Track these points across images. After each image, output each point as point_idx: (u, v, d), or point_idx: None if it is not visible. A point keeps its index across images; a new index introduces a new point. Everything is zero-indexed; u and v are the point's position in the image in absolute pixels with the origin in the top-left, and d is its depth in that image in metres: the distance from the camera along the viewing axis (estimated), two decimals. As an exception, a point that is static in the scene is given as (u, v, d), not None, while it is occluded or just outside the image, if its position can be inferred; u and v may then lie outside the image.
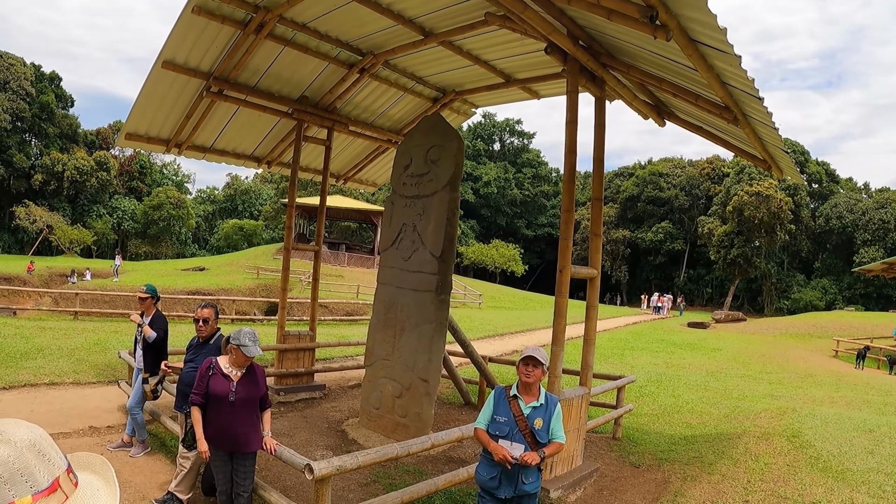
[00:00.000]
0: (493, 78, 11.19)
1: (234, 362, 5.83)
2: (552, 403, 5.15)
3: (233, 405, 5.77)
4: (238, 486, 5.92)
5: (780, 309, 71.96)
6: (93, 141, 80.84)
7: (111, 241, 76.55)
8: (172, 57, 9.33)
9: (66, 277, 42.33)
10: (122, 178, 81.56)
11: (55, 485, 1.48)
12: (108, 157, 76.34)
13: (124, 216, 77.93)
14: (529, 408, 5.07)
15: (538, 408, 5.08)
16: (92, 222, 73.10)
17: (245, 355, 5.72)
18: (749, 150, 8.88)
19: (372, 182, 15.88)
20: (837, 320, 38.92)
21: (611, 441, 10.40)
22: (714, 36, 4.99)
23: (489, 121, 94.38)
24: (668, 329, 35.66)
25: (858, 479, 7.97)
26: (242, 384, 5.85)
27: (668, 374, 17.89)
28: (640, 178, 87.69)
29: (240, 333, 5.78)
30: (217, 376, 5.79)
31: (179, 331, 17.92)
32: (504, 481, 4.99)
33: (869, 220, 71.47)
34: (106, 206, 77.22)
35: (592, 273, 8.16)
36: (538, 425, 4.99)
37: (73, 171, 70.67)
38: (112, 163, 76.35)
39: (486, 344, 22.00)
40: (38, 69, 73.32)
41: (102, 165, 73.83)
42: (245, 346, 5.72)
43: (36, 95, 70.83)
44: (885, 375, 21.87)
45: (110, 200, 78.18)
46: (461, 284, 50.62)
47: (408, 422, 9.43)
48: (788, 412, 11.64)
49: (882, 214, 70.60)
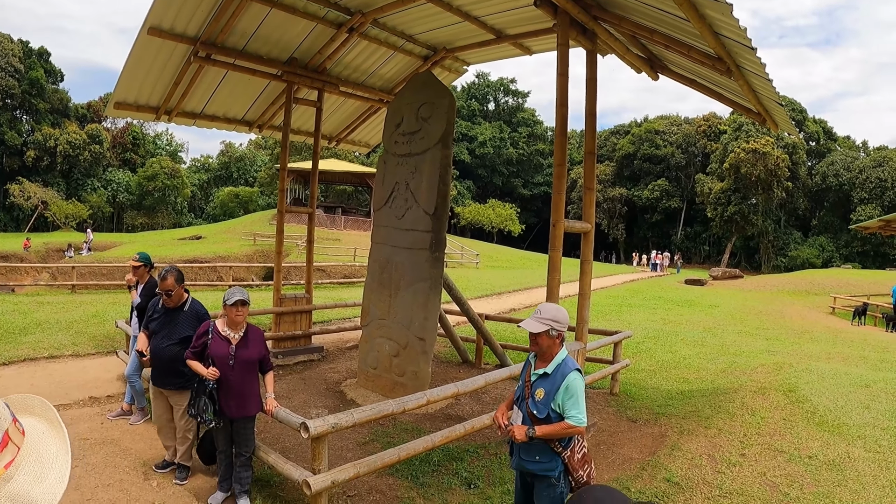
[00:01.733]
0: (484, 34, 11.05)
1: (231, 323, 5.86)
2: (560, 375, 4.40)
3: (232, 368, 5.84)
4: (239, 448, 5.95)
5: (777, 266, 72.06)
6: (84, 114, 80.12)
7: (107, 214, 76.27)
8: (158, 23, 9.19)
9: (62, 252, 42.25)
10: (116, 150, 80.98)
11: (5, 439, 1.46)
12: (101, 129, 75.67)
13: (119, 188, 77.47)
14: (536, 375, 4.53)
15: (543, 377, 4.47)
16: (87, 196, 72.64)
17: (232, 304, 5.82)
18: (743, 104, 8.79)
19: (365, 143, 15.80)
20: (834, 277, 38.93)
21: (608, 396, 10.44)
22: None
23: (483, 80, 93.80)
24: (666, 286, 35.71)
25: (854, 434, 8.02)
26: (241, 347, 5.91)
27: (665, 330, 17.93)
28: (636, 135, 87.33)
29: (227, 294, 5.83)
30: (216, 339, 5.82)
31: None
32: (513, 452, 4.68)
33: (866, 178, 71.19)
34: (100, 179, 76.71)
35: (586, 227, 8.13)
36: (538, 396, 4.40)
37: (66, 146, 70.12)
38: (104, 135, 75.71)
39: (484, 303, 22.05)
40: (26, 45, 72.46)
41: (95, 138, 73.26)
42: (231, 296, 5.82)
43: (25, 72, 70.08)
44: (882, 332, 21.91)
45: (104, 173, 77.66)
46: (458, 245, 50.64)
47: (405, 380, 9.45)
48: (785, 367, 11.67)
49: (879, 173, 70.29)
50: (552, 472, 4.43)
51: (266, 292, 21.46)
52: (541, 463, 4.45)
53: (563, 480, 4.46)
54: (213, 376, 5.74)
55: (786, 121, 8.88)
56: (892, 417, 8.62)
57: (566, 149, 7.64)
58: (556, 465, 4.43)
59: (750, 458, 7.42)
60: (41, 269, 31.30)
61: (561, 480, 4.46)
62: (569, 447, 4.45)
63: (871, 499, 6.35)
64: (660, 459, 7.44)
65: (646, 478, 6.95)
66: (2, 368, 10.53)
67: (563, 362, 4.46)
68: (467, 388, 6.97)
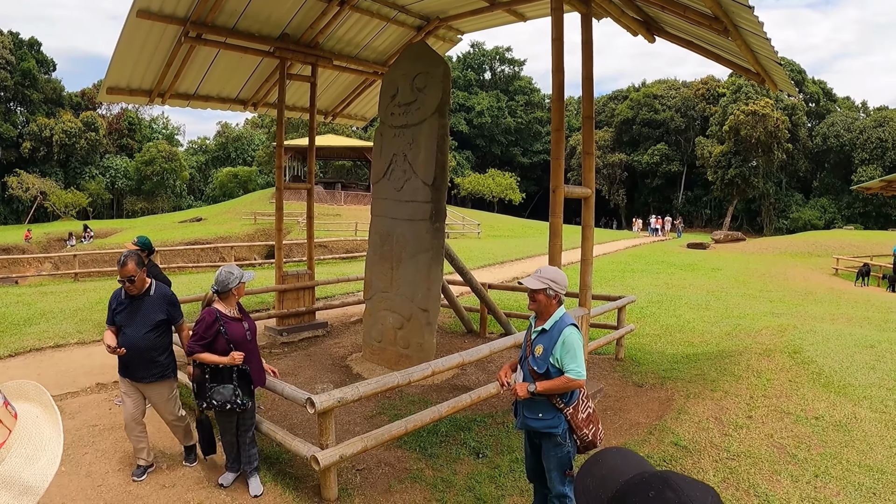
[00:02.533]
0: (477, 2, 10.94)
1: (231, 303, 5.86)
2: (557, 330, 4.57)
3: (250, 342, 5.93)
4: (245, 426, 5.95)
5: (779, 229, 71.93)
6: (78, 102, 79.63)
7: (106, 201, 76.10)
8: (146, 5, 9.12)
9: (64, 242, 42.24)
10: (112, 136, 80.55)
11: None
12: (96, 116, 75.16)
13: (117, 175, 77.06)
14: (535, 332, 4.72)
15: (542, 333, 4.64)
16: (85, 184, 72.32)
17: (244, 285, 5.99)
18: (742, 64, 8.70)
19: (361, 116, 15.72)
20: (837, 239, 38.89)
21: (613, 361, 10.45)
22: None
23: (478, 50, 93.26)
24: (668, 251, 35.66)
25: (860, 394, 8.01)
26: (247, 320, 6.02)
27: (668, 294, 17.91)
28: (634, 100, 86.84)
29: (229, 276, 5.79)
30: (229, 324, 5.78)
31: (180, 281, 17.96)
32: (517, 412, 4.81)
33: (867, 138, 70.79)
34: (98, 166, 76.26)
35: (586, 192, 8.08)
36: (538, 352, 4.58)
37: (62, 135, 69.71)
38: (100, 122, 75.22)
39: (487, 272, 22.04)
40: (16, 37, 72.08)
41: (90, 126, 72.78)
42: (243, 276, 5.87)
43: (17, 63, 69.69)
44: (885, 293, 21.89)
45: (102, 160, 77.22)
46: (459, 215, 50.59)
47: (410, 352, 9.46)
48: (789, 329, 11.66)
49: (880, 133, 69.91)
50: (556, 428, 4.52)
51: (268, 270, 21.48)
52: (544, 420, 4.55)
53: (568, 439, 4.56)
54: (242, 359, 5.71)
55: (785, 80, 8.79)
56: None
57: (563, 114, 7.58)
58: (560, 423, 4.53)
59: (757, 420, 7.42)
60: (43, 260, 31.40)
61: (567, 439, 4.56)
62: (571, 404, 4.56)
63: (879, 459, 6.35)
64: (667, 423, 7.44)
65: (653, 442, 6.95)
66: (8, 360, 10.52)
67: (561, 319, 4.63)
68: (472, 357, 6.96)
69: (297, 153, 52.43)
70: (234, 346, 5.73)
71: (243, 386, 5.79)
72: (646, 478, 1.27)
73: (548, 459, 4.61)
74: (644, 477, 1.28)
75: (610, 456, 1.44)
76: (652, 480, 1.25)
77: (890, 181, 29.54)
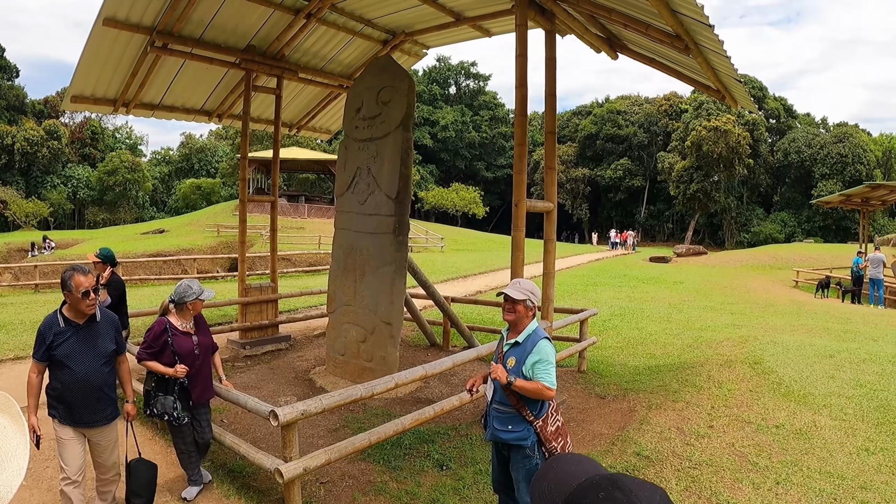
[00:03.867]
0: (443, 17, 11.02)
1: (187, 316, 5.89)
2: (531, 342, 4.63)
3: (198, 358, 5.91)
4: (203, 436, 5.96)
5: (740, 242, 72.89)
6: (41, 110, 78.73)
7: (67, 212, 75.15)
8: (113, 13, 9.07)
9: (26, 252, 41.57)
10: (75, 145, 79.65)
11: None
12: (59, 125, 74.30)
13: (79, 184, 76.11)
14: (508, 345, 4.77)
15: (514, 346, 4.70)
16: (47, 193, 71.31)
17: (202, 302, 5.94)
18: (702, 81, 8.85)
19: (326, 129, 15.73)
20: (797, 252, 39.40)
21: (576, 374, 10.52)
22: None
23: (444, 64, 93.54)
24: (631, 264, 35.97)
25: (820, 403, 8.15)
26: (198, 335, 6.02)
27: (631, 307, 18.07)
28: (598, 116, 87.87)
29: (187, 290, 5.83)
30: (178, 337, 5.82)
31: (142, 293, 17.79)
32: (486, 424, 4.86)
33: (827, 153, 72.13)
34: (60, 175, 75.26)
35: (549, 206, 8.16)
36: (510, 364, 4.63)
37: (23, 143, 68.70)
38: (63, 131, 74.42)
39: (450, 286, 22.08)
40: (-23, 42, 71.30)
41: (53, 134, 71.90)
42: (202, 293, 5.84)
43: (-22, 69, 68.89)
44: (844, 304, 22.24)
45: (64, 169, 76.21)
46: (422, 229, 50.64)
47: (373, 366, 9.45)
48: (750, 340, 11.82)
49: (840, 148, 71.29)
50: (525, 440, 4.56)
51: (231, 283, 21.35)
52: (514, 432, 4.59)
53: (537, 451, 4.60)
54: (185, 372, 5.72)
55: (744, 97, 8.95)
56: (856, 386, 8.77)
57: (526, 129, 7.67)
58: (530, 435, 4.57)
59: (718, 429, 7.51)
60: (3, 270, 30.87)
61: (535, 451, 4.59)
62: (540, 417, 4.59)
63: (838, 465, 6.47)
64: (629, 434, 7.51)
65: (616, 452, 7.01)
66: (-34, 371, 10.34)
67: (534, 332, 4.68)
68: (435, 369, 6.98)
69: (261, 165, 52.14)
70: (180, 359, 5.76)
71: (182, 400, 5.82)
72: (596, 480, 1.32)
73: (516, 471, 4.65)
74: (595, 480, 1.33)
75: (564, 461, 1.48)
76: (602, 482, 1.30)
77: (849, 195, 30.06)
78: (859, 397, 8.35)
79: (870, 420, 7.63)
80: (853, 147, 71.23)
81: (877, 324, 15.59)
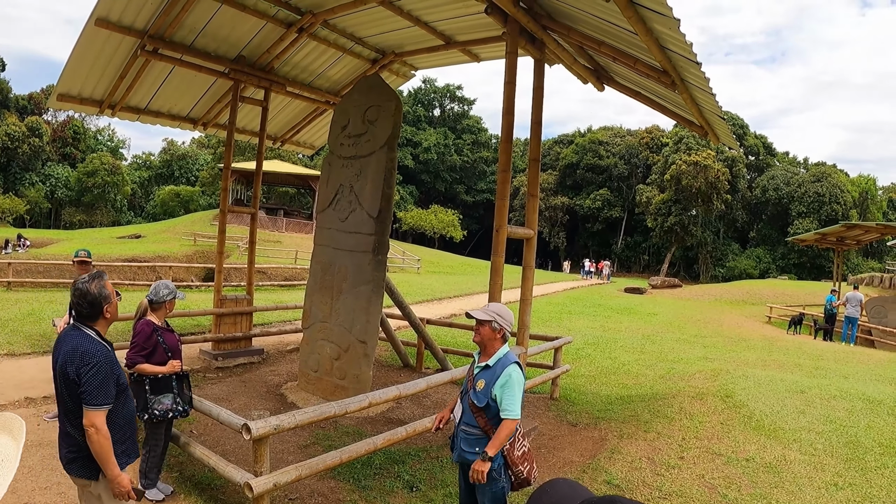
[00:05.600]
0: (433, 40, 11.11)
1: (163, 315, 6.03)
2: (501, 366, 4.60)
3: (181, 351, 6.10)
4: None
5: (715, 276, 73.53)
6: (25, 106, 78.17)
7: (44, 210, 74.53)
8: (106, 14, 9.08)
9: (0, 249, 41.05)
10: (56, 144, 78.97)
11: None
12: (41, 122, 73.78)
13: (58, 183, 75.48)
14: (478, 368, 4.75)
15: (484, 369, 4.67)
16: (24, 190, 70.71)
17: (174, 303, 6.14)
18: (686, 116, 8.96)
19: (309, 144, 15.75)
20: (771, 288, 39.71)
21: (548, 401, 10.54)
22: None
23: (430, 86, 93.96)
24: (606, 294, 36.15)
25: (790, 437, 8.23)
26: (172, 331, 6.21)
27: (604, 337, 18.16)
28: (579, 145, 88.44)
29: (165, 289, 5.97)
30: (165, 333, 6.01)
31: (114, 297, 17.59)
32: (454, 446, 4.85)
33: (805, 192, 73.08)
34: (39, 173, 74.64)
35: (529, 233, 8.20)
36: (479, 387, 4.61)
37: (4, 138, 68.19)
38: (45, 128, 73.86)
39: (425, 308, 22.08)
40: (-36, 32, 70.86)
41: (35, 131, 71.37)
42: (177, 294, 6.06)
43: (-38, 59, 68.29)
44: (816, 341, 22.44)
45: (43, 168, 75.57)
46: (399, 249, 50.66)
47: (346, 384, 9.41)
48: (722, 373, 11.89)
49: (818, 188, 72.23)
50: (492, 463, 4.54)
51: (206, 293, 21.23)
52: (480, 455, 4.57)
53: (503, 474, 4.61)
54: (180, 366, 5.89)
55: (727, 134, 9.07)
56: (826, 422, 8.87)
57: (511, 156, 7.72)
58: (497, 458, 4.56)
59: (688, 460, 7.56)
60: (-26, 267, 30.46)
61: (502, 475, 4.60)
62: (508, 440, 4.58)
63: (807, 499, 6.54)
64: (600, 462, 7.54)
65: (587, 480, 7.02)
66: (-66, 369, 10.22)
67: (505, 356, 4.67)
68: (409, 390, 6.97)
69: (241, 176, 52.02)
70: (172, 354, 5.87)
71: (182, 393, 5.93)
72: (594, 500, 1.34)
73: (482, 494, 4.63)
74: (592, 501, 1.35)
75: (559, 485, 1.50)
76: (601, 502, 1.32)
77: (825, 234, 30.45)
78: (829, 433, 8.44)
79: (839, 456, 7.72)
80: (831, 187, 72.17)
81: (848, 361, 15.79)
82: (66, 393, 3.80)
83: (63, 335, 3.96)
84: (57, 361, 3.85)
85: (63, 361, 3.78)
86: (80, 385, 3.72)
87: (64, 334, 3.97)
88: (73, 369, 3.72)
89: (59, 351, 3.88)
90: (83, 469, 3.89)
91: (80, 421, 3.77)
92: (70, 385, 3.76)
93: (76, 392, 3.75)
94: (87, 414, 3.72)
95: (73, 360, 3.73)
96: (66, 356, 3.77)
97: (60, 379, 3.81)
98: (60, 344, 3.92)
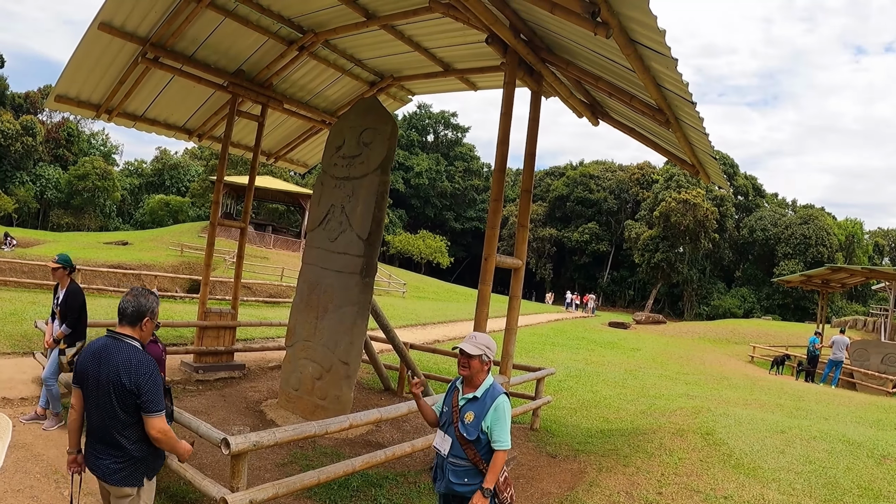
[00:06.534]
0: (432, 66, 11.21)
1: None
2: (490, 397, 4.63)
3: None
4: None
5: (699, 314, 73.73)
6: (20, 104, 77.92)
7: (33, 210, 74.13)
8: (110, 19, 9.13)
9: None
10: (49, 144, 78.59)
11: None
12: (36, 122, 73.42)
13: (48, 184, 75.06)
14: (464, 399, 4.73)
15: (472, 400, 4.67)
16: (14, 189, 70.24)
17: None
18: (679, 155, 9.05)
19: (303, 163, 15.79)
20: (754, 327, 39.84)
21: (528, 431, 10.53)
22: (653, 37, 5.05)
23: (424, 112, 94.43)
24: (590, 327, 36.18)
25: (769, 477, 8.23)
26: None
27: (587, 370, 18.16)
28: (570, 178, 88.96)
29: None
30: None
31: (99, 304, 17.55)
32: (439, 474, 4.82)
33: (792, 234, 73.68)
34: (30, 173, 74.22)
35: (517, 263, 8.23)
36: (468, 419, 4.60)
37: (-2, 135, 68.08)
38: (39, 128, 73.51)
39: (409, 332, 22.01)
40: (-38, 27, 70.74)
41: (29, 130, 71.05)
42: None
43: (-41, 53, 68.13)
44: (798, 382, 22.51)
45: (34, 167, 75.14)
46: (386, 273, 50.61)
47: (327, 404, 9.38)
48: (703, 411, 11.91)
49: (804, 230, 72.82)
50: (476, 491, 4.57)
51: (190, 305, 21.15)
52: (470, 486, 4.61)
53: (491, 502, 4.61)
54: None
55: (718, 174, 9.16)
56: (805, 462, 8.87)
57: (503, 185, 7.77)
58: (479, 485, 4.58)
59: (667, 496, 7.55)
60: (-43, 264, 30.27)
61: (490, 502, 4.60)
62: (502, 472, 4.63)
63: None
64: (578, 495, 7.52)
65: (562, 514, 7.02)
66: (-89, 367, 10.13)
67: (492, 386, 4.69)
68: (390, 414, 6.96)
69: (232, 190, 51.98)
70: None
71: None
72: None
73: None
74: None
75: None
76: None
77: (810, 276, 30.71)
78: (808, 473, 8.44)
79: (817, 496, 7.72)
80: (817, 229, 72.77)
81: (829, 402, 15.81)
82: (117, 403, 3.87)
83: (103, 345, 4.01)
84: (101, 372, 3.90)
85: (117, 372, 3.85)
86: (139, 395, 3.85)
87: (103, 344, 4.01)
88: (131, 380, 3.84)
89: (103, 362, 3.92)
90: (130, 478, 4.01)
91: (133, 430, 3.93)
92: (125, 395, 3.86)
93: (133, 402, 3.87)
94: (152, 421, 3.92)
95: (130, 371, 3.85)
96: (122, 366, 3.86)
97: (111, 389, 3.86)
98: (102, 354, 3.96)
